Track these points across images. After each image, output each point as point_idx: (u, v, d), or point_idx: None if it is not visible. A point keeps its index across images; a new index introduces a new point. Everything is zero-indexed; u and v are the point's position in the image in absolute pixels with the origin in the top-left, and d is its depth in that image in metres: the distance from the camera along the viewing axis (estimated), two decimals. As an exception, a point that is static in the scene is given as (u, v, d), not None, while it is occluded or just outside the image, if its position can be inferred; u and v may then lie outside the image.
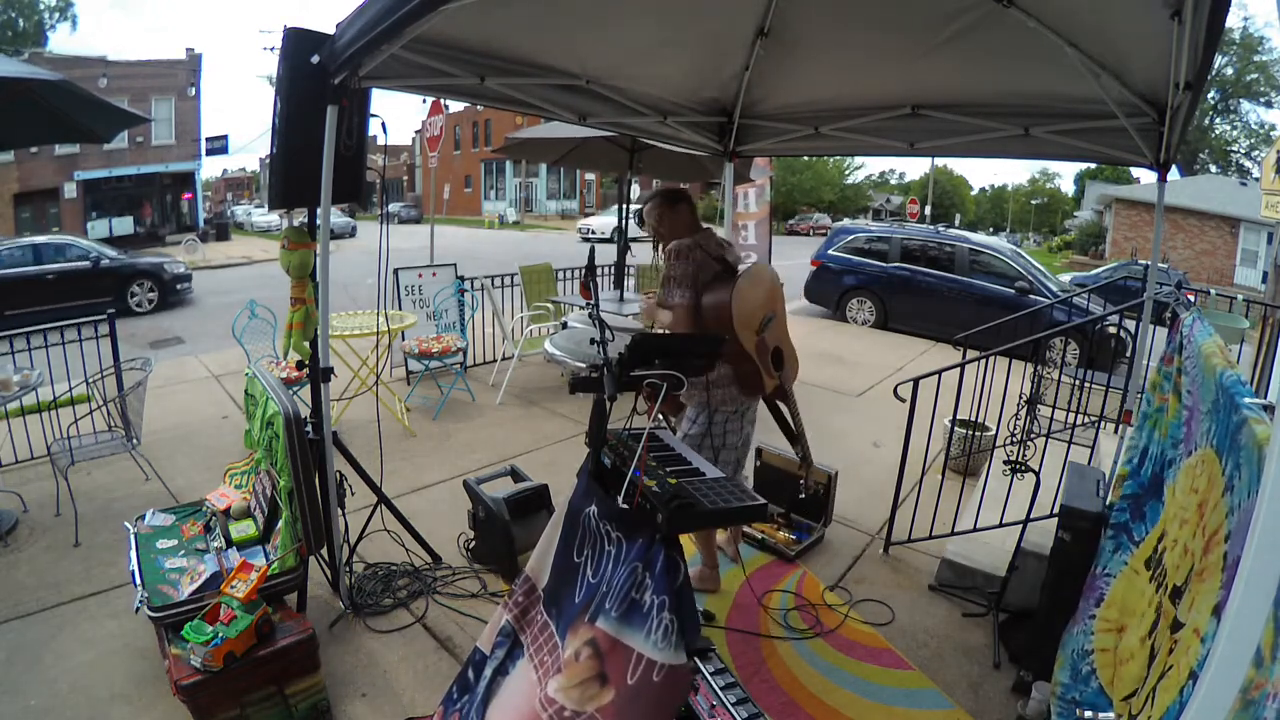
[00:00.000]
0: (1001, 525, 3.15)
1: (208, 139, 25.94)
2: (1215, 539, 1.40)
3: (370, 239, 23.25)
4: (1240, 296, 7.35)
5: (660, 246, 2.87)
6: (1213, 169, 31.30)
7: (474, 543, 3.21)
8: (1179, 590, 1.54)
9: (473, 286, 6.35)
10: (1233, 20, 28.10)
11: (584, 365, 3.90)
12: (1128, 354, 7.12)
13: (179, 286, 11.79)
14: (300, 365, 2.81)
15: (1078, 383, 4.27)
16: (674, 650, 1.47)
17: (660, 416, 2.80)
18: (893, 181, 60.68)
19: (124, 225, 24.20)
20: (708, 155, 4.37)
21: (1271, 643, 0.90)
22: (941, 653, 2.70)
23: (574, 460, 2.28)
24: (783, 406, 2.88)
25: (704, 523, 2.01)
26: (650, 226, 2.87)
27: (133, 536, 2.65)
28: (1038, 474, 3.14)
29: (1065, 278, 12.80)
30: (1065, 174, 63.53)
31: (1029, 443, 3.93)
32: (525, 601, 1.94)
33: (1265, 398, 1.48)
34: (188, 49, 28.02)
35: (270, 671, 2.15)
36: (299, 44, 2.44)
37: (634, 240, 6.56)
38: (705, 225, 2.86)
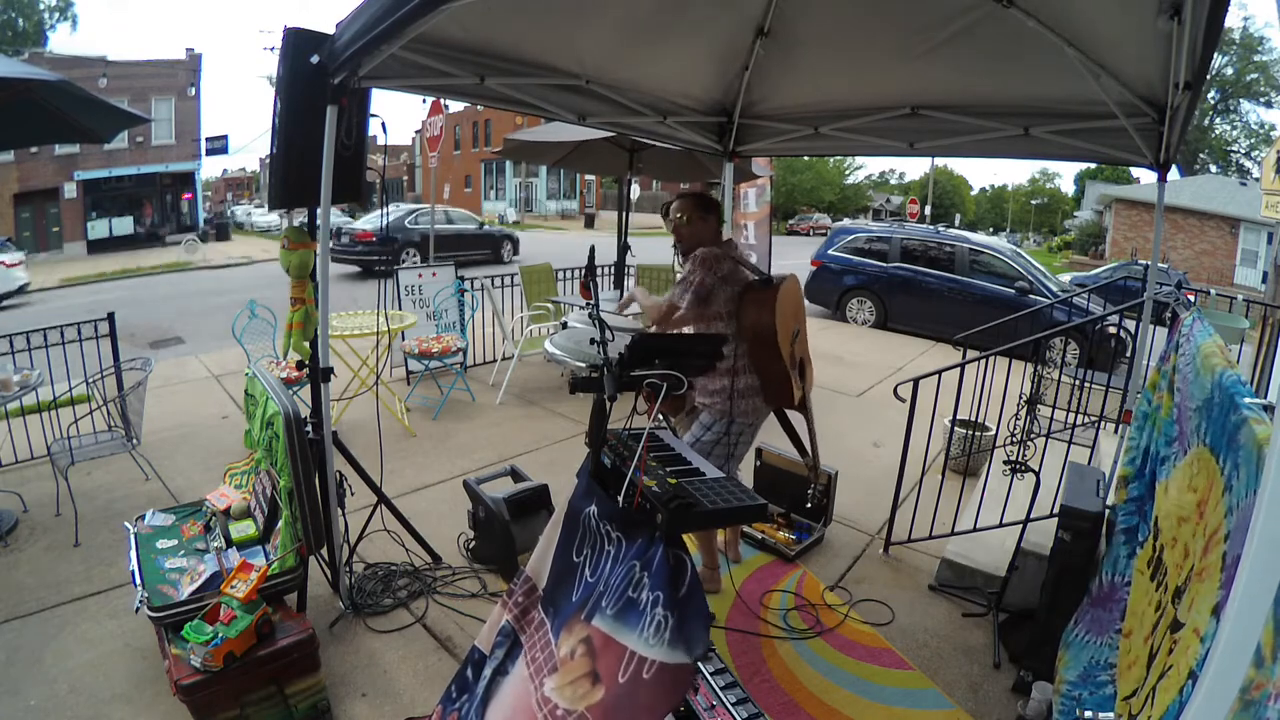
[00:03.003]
0: (1001, 525, 3.15)
1: (208, 139, 25.94)
2: (1215, 538, 1.40)
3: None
4: (1240, 296, 7.34)
5: (677, 247, 2.82)
6: (1213, 169, 31.29)
7: (474, 543, 3.21)
8: (1180, 590, 1.54)
9: (473, 286, 6.35)
10: (1233, 20, 28.17)
11: (584, 365, 3.90)
12: (1128, 354, 7.12)
13: (519, 249, 18.57)
14: (300, 365, 2.81)
15: (1078, 383, 4.27)
16: (666, 647, 1.44)
17: (660, 416, 2.80)
18: (893, 181, 60.66)
19: (124, 225, 24.22)
20: (708, 155, 4.37)
21: (1272, 643, 0.90)
22: (941, 653, 2.70)
23: (574, 460, 2.28)
24: (797, 419, 2.88)
25: (704, 523, 2.01)
26: (672, 222, 2.78)
27: (133, 536, 2.65)
28: (1038, 474, 3.14)
29: (1065, 278, 12.79)
30: (1065, 174, 63.54)
31: (1029, 443, 3.92)
32: (525, 602, 1.94)
33: (1265, 398, 1.48)
34: (188, 49, 28.07)
35: (270, 671, 2.15)
36: (299, 44, 2.44)
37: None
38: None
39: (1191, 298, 6.50)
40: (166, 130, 24.62)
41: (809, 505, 3.43)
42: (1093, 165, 38.87)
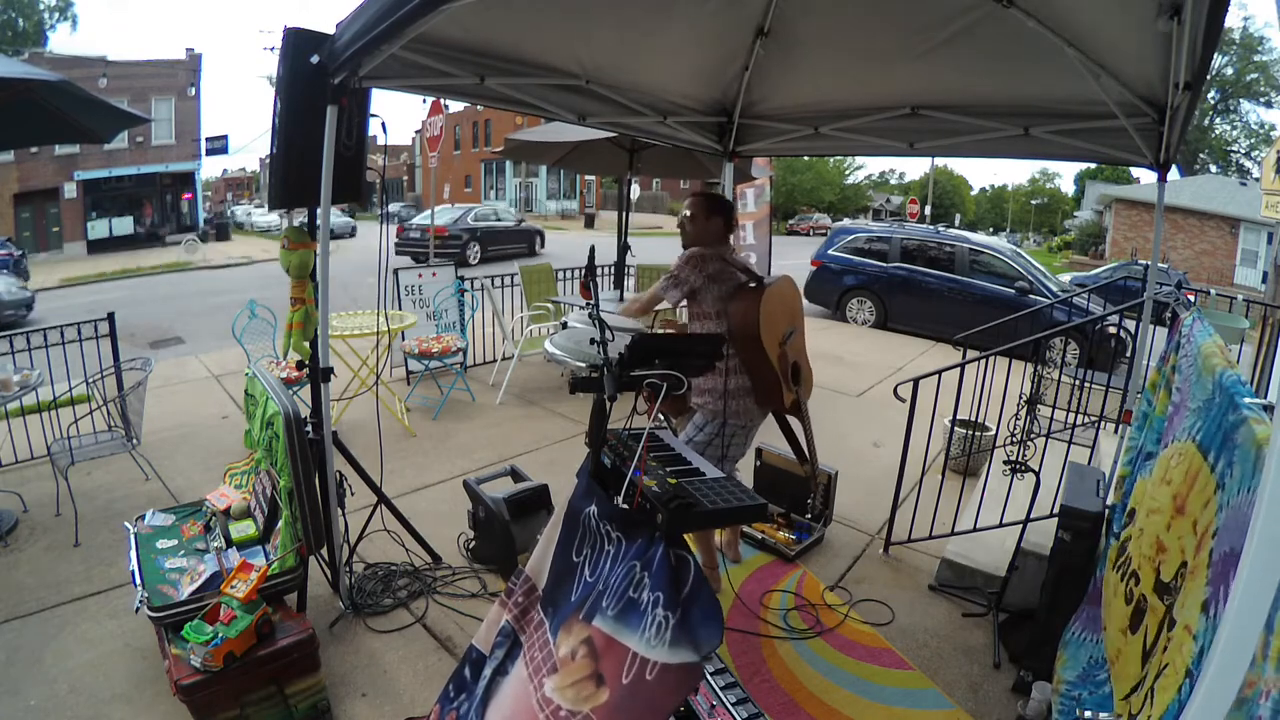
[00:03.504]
0: (1001, 525, 3.15)
1: (208, 139, 25.94)
2: (1206, 536, 1.40)
3: (370, 238, 23.27)
4: (1240, 296, 7.35)
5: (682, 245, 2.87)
6: (1213, 169, 31.28)
7: (474, 543, 3.21)
8: (1166, 586, 1.54)
9: (473, 286, 6.35)
10: (1233, 20, 28.16)
11: (584, 365, 3.90)
12: (1128, 354, 7.12)
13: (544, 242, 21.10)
14: (300, 365, 2.81)
15: (1078, 383, 4.27)
16: (668, 648, 1.43)
17: (660, 416, 2.81)
18: (893, 181, 60.65)
19: (124, 225, 24.22)
20: (708, 155, 4.37)
21: (1264, 641, 0.90)
22: (941, 653, 2.70)
23: (574, 460, 2.29)
24: (795, 423, 2.88)
25: (704, 523, 2.01)
26: (680, 220, 2.86)
27: (133, 536, 2.65)
28: (1038, 474, 3.14)
29: (1065, 278, 12.79)
30: (1065, 174, 63.53)
31: (1029, 443, 3.93)
32: (525, 602, 1.94)
33: (1265, 398, 1.49)
34: (188, 49, 28.08)
35: (270, 671, 2.15)
36: (299, 44, 2.44)
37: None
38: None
39: (1191, 298, 6.49)
40: (166, 130, 24.62)
41: (808, 515, 3.44)
42: (1093, 165, 38.86)
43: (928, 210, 28.76)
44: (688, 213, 2.80)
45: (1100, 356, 7.12)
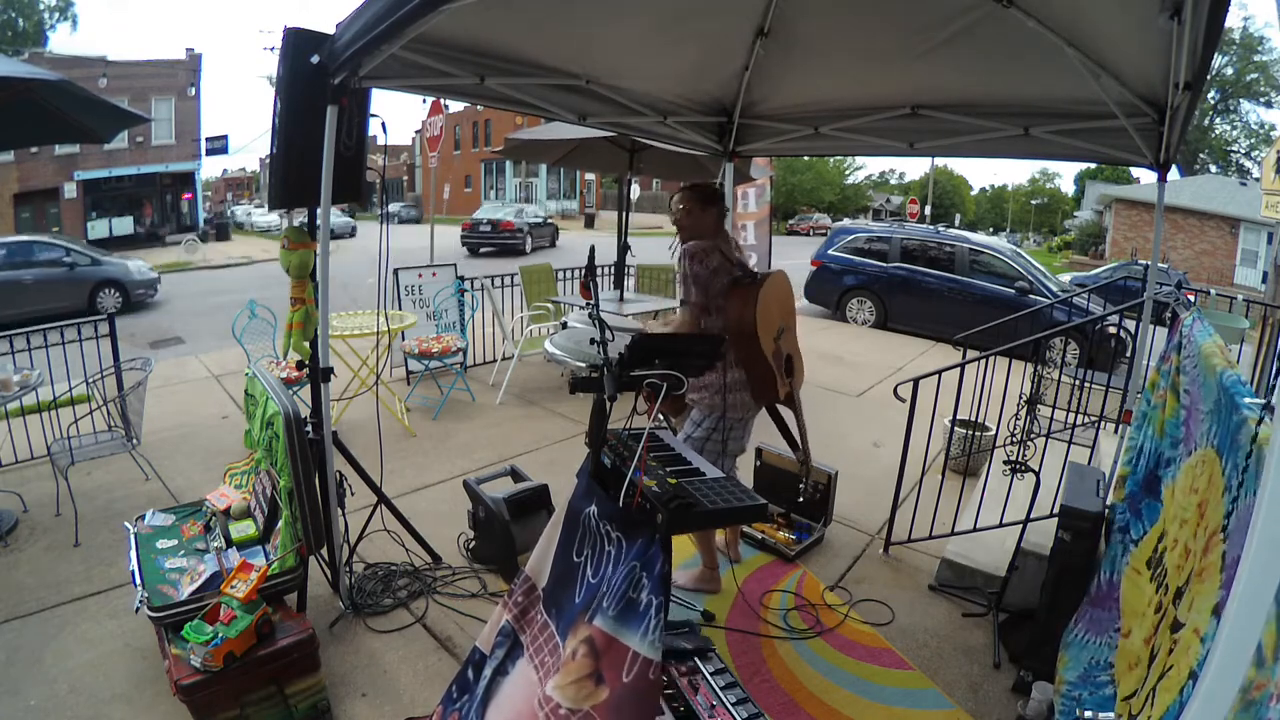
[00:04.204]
0: (1001, 525, 3.15)
1: (208, 139, 25.92)
2: (1215, 539, 1.40)
3: (370, 238, 23.27)
4: (1240, 296, 7.36)
5: (679, 240, 2.85)
6: (1213, 169, 31.27)
7: (474, 543, 3.21)
8: (1181, 591, 1.54)
9: (473, 286, 6.35)
10: (1233, 20, 28.13)
11: (584, 365, 3.90)
12: (1128, 354, 7.12)
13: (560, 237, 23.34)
14: (300, 365, 2.81)
15: (1078, 383, 4.27)
16: (663, 649, 1.50)
17: (660, 416, 2.80)
18: (893, 181, 60.64)
19: (124, 225, 24.19)
20: (707, 155, 4.37)
21: (1274, 644, 0.90)
22: (941, 653, 2.70)
23: (574, 460, 2.28)
24: (787, 413, 2.88)
25: (704, 523, 2.01)
26: (675, 216, 2.82)
27: (133, 536, 2.65)
28: (1038, 474, 3.14)
29: (1065, 278, 12.79)
30: (1065, 174, 63.55)
31: (1029, 443, 3.92)
32: (525, 601, 1.94)
33: (1265, 398, 1.48)
34: (188, 49, 28.07)
35: (270, 671, 2.15)
36: (299, 44, 2.44)
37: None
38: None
39: (1191, 298, 6.50)
40: (166, 130, 24.60)
41: (800, 500, 3.42)
42: (1093, 165, 38.85)
43: (928, 210, 28.75)
44: (682, 207, 2.77)
45: (1100, 356, 7.12)
